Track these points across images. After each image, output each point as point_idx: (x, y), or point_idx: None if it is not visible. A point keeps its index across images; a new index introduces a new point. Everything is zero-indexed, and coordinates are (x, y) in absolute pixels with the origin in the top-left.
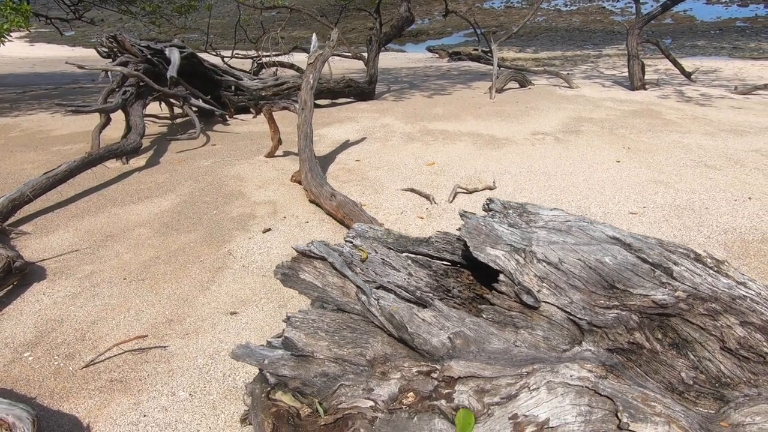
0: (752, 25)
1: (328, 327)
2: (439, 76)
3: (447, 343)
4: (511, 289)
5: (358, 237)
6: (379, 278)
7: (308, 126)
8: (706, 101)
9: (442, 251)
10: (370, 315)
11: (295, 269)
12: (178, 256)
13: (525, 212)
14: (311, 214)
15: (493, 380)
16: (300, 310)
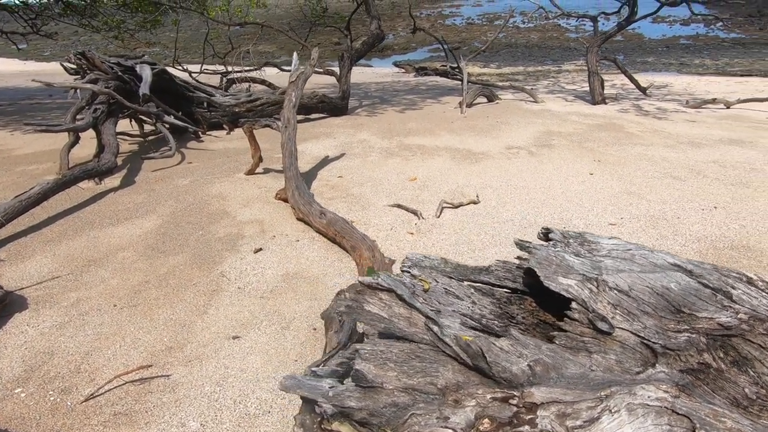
0: (695, 43)
1: (397, 358)
2: (408, 91)
3: (527, 370)
4: (584, 316)
5: (414, 267)
6: (443, 307)
7: (292, 144)
8: (663, 115)
9: (503, 279)
10: (442, 345)
11: (359, 301)
12: (169, 280)
13: (585, 242)
14: (301, 233)
15: (573, 404)
16: (367, 342)
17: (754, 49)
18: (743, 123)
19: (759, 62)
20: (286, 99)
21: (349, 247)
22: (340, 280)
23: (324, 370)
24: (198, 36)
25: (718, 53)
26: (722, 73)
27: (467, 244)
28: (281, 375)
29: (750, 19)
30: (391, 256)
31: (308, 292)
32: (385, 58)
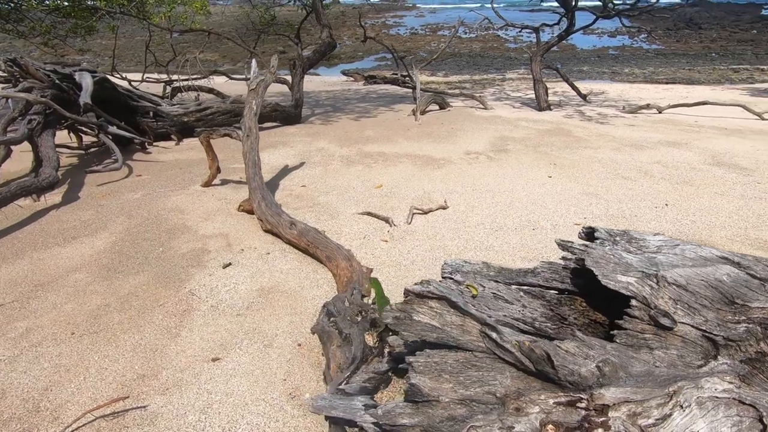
0: (622, 53)
1: (452, 368)
2: (359, 99)
3: (596, 371)
4: (645, 313)
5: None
6: (493, 313)
7: (255, 153)
8: (604, 120)
9: (550, 281)
10: (501, 351)
11: (408, 312)
12: (132, 302)
13: (632, 239)
14: (270, 245)
15: (644, 403)
16: (420, 354)
17: (674, 60)
18: (676, 126)
19: (680, 71)
20: (247, 107)
21: (324, 258)
22: (318, 292)
23: (352, 387)
24: (133, 43)
25: (643, 63)
26: (650, 80)
27: (443, 250)
28: (270, 397)
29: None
30: (367, 264)
31: (287, 307)
32: (332, 66)
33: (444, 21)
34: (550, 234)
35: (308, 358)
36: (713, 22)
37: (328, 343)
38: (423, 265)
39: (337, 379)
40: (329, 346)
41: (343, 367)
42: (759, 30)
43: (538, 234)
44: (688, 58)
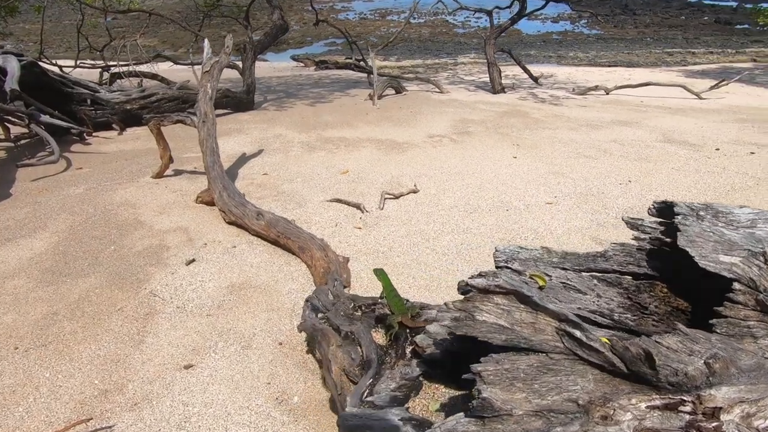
0: (565, 38)
1: (525, 375)
2: (313, 85)
3: (704, 369)
4: (751, 297)
5: (512, 260)
6: (566, 306)
7: (213, 140)
8: (557, 101)
9: (625, 265)
10: (584, 351)
11: (469, 310)
12: (84, 308)
13: (719, 213)
14: (236, 237)
15: (759, 402)
16: (487, 360)
17: (613, 44)
18: (624, 106)
19: (620, 54)
20: (201, 91)
21: (296, 249)
22: (294, 285)
23: (381, 398)
24: (61, 28)
25: (586, 47)
26: (594, 63)
27: (420, 234)
28: (255, 404)
29: (606, 18)
30: (343, 253)
31: (263, 303)
32: (281, 52)
33: (393, 6)
34: (524, 214)
35: (292, 357)
36: (646, 9)
37: (324, 343)
38: (401, 251)
39: (358, 390)
40: (325, 346)
41: (349, 370)
42: (687, 16)
43: (513, 214)
44: (626, 43)
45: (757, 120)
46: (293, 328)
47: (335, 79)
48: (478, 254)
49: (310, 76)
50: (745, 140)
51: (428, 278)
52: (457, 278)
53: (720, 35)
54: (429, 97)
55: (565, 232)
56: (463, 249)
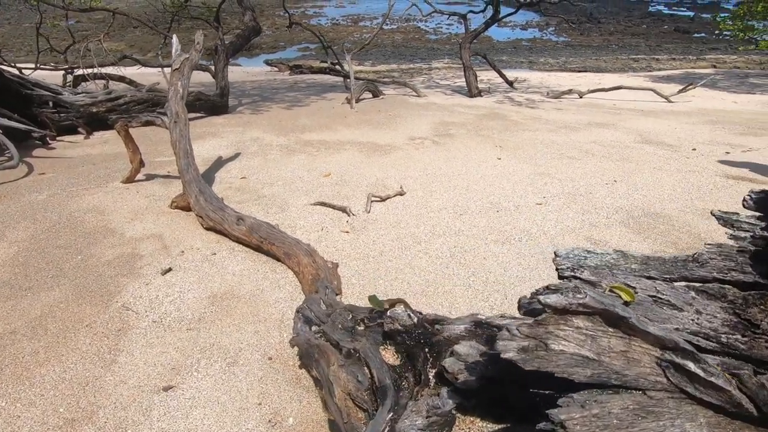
0: (535, 45)
1: (619, 421)
2: (288, 89)
3: None
4: None
5: (580, 268)
6: (659, 326)
7: (186, 141)
8: (533, 105)
9: (726, 271)
10: (698, 389)
11: (542, 337)
12: (47, 325)
13: None
14: (215, 244)
15: None
16: (570, 401)
17: (581, 50)
18: (599, 109)
19: (588, 60)
20: (171, 90)
21: (281, 255)
22: (281, 294)
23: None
24: (21, 31)
25: (555, 53)
26: (564, 69)
27: (411, 237)
28: (245, 428)
29: (572, 26)
30: (331, 259)
31: (248, 314)
32: (253, 57)
33: (365, 12)
34: (514, 215)
35: (284, 373)
36: (610, 17)
37: (322, 361)
38: (393, 256)
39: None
40: (324, 365)
41: (356, 395)
42: (648, 25)
43: (504, 215)
44: (593, 49)
45: (726, 122)
46: (283, 341)
47: (311, 83)
48: (473, 257)
49: (284, 80)
50: (718, 141)
51: (424, 283)
52: (453, 282)
53: (680, 43)
54: (406, 100)
55: (559, 233)
56: (457, 252)
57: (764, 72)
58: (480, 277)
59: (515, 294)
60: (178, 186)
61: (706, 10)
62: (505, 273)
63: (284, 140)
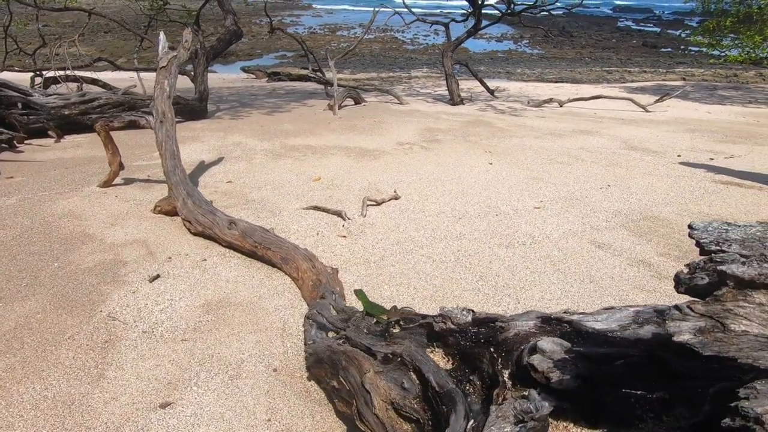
0: (511, 57)
1: None
2: (267, 95)
3: None
4: None
5: (726, 242)
6: None
7: (173, 142)
8: (516, 113)
9: None
10: None
11: (719, 317)
12: (24, 338)
13: None
14: (205, 250)
15: None
16: (756, 390)
17: (556, 63)
18: (580, 117)
19: (563, 72)
20: (158, 88)
21: (278, 260)
22: (280, 301)
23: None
24: None
25: (531, 65)
26: (541, 79)
27: (411, 241)
28: None
29: (546, 39)
30: (329, 264)
31: (247, 323)
32: (229, 64)
33: (342, 21)
34: (515, 219)
35: (291, 386)
36: (581, 31)
37: (351, 368)
38: (395, 260)
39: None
40: (355, 373)
41: (402, 403)
42: (618, 39)
43: (504, 219)
44: (567, 62)
45: (703, 130)
46: (287, 351)
47: (290, 90)
48: (479, 261)
49: (262, 87)
50: (700, 148)
51: (431, 288)
52: (461, 287)
53: (648, 57)
54: (389, 107)
55: (562, 236)
56: (461, 256)
57: (731, 84)
58: (488, 281)
59: (527, 298)
60: (160, 190)
61: (671, 26)
62: (513, 277)
63: (268, 145)
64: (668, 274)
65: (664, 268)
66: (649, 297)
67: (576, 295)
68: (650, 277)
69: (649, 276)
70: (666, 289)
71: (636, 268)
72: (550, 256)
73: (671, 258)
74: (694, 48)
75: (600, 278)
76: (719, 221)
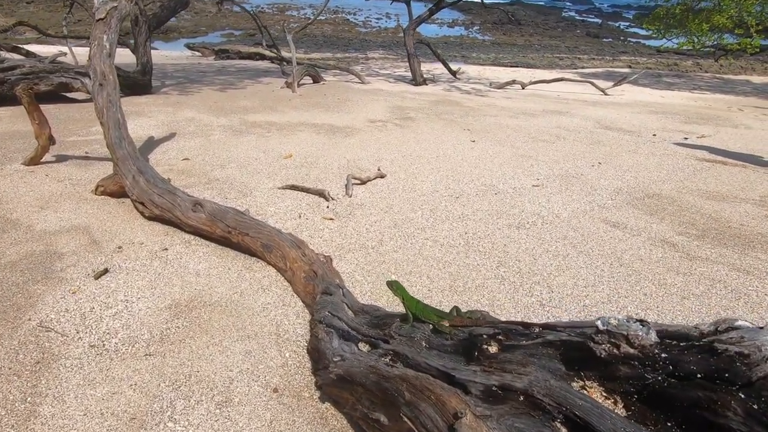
0: (464, 42)
1: None
2: (217, 72)
3: None
4: None
5: None
6: None
7: (116, 109)
8: (482, 93)
9: None
10: None
11: None
12: None
13: None
14: (164, 237)
15: None
16: None
17: (508, 49)
18: (546, 99)
19: (517, 57)
20: (95, 45)
21: (258, 248)
22: (268, 297)
23: None
24: None
25: (485, 50)
26: (497, 64)
27: (410, 223)
28: None
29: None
30: (318, 250)
31: (231, 328)
32: (171, 41)
33: (291, 2)
34: (515, 197)
35: (300, 411)
36: (529, 20)
37: (423, 404)
38: (397, 245)
39: None
40: (433, 413)
41: None
42: (563, 29)
43: (505, 198)
44: (518, 48)
45: (666, 112)
46: (287, 363)
47: (241, 68)
48: (492, 244)
49: (210, 64)
50: (670, 128)
51: (448, 277)
52: (482, 275)
53: (593, 46)
54: (351, 86)
55: (572, 216)
56: (470, 239)
57: (673, 72)
58: (511, 267)
59: (560, 286)
60: (102, 168)
61: (611, 18)
62: (535, 262)
63: (226, 121)
64: (697, 255)
65: (689, 248)
66: (689, 280)
67: (611, 280)
68: (680, 259)
69: (678, 258)
70: (702, 271)
71: (662, 249)
72: (567, 237)
73: (692, 237)
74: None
75: (629, 261)
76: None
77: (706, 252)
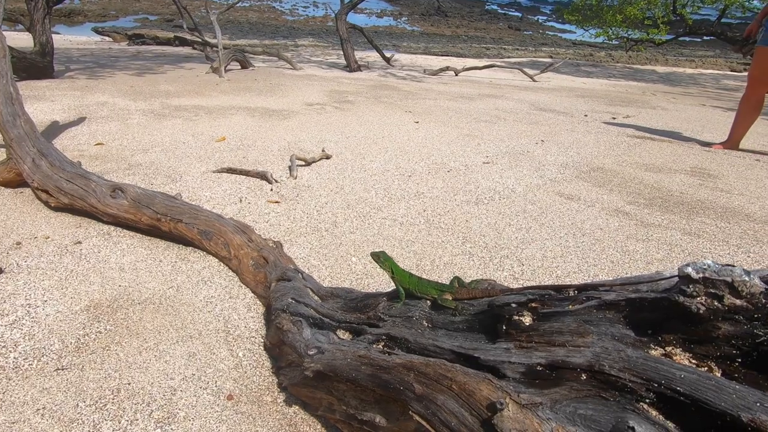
0: (393, 32)
1: None
2: (131, 58)
3: None
4: None
5: None
6: None
7: (7, 81)
8: (417, 79)
9: None
10: None
11: None
12: None
13: None
14: (77, 229)
15: None
16: None
17: (437, 39)
18: (480, 84)
19: (447, 47)
20: None
21: (195, 236)
22: (211, 290)
23: None
24: None
25: (414, 40)
26: (428, 53)
27: (365, 203)
28: None
29: (423, 17)
30: (266, 235)
31: (168, 329)
32: (76, 25)
33: None
34: (469, 174)
35: (261, 418)
36: (455, 12)
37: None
38: (353, 226)
39: None
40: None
41: None
42: (486, 21)
43: (458, 175)
44: (446, 39)
45: (590, 96)
46: (241, 363)
47: (159, 53)
48: (453, 221)
49: (124, 50)
50: (597, 109)
51: (413, 257)
52: (449, 252)
53: (516, 38)
54: (282, 72)
55: (528, 190)
56: (430, 216)
57: (589, 63)
58: (477, 243)
59: (529, 258)
60: None
61: (530, 11)
62: (500, 236)
63: (146, 105)
64: (650, 222)
65: (641, 215)
66: (649, 246)
67: (577, 250)
68: (636, 226)
69: (634, 225)
70: (659, 237)
71: (617, 218)
72: (526, 210)
73: (641, 206)
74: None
75: (590, 230)
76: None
77: (657, 219)
